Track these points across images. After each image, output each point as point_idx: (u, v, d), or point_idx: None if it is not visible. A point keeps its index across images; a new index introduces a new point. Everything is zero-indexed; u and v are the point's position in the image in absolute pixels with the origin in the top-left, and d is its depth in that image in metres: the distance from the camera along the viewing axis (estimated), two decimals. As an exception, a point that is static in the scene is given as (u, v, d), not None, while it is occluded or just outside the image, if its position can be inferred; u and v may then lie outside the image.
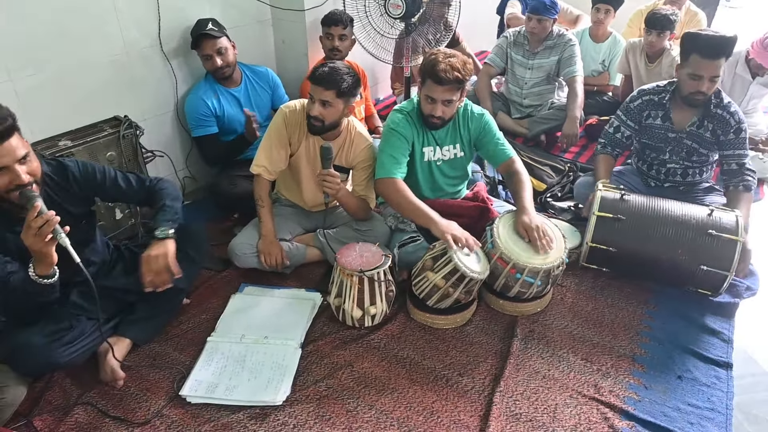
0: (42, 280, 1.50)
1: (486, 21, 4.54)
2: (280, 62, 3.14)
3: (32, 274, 1.49)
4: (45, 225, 1.41)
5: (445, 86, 2.01)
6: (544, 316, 2.10)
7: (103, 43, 2.31)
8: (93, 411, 1.71)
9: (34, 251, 1.46)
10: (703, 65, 2.13)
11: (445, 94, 2.03)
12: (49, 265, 1.49)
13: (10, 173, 1.47)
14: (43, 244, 1.43)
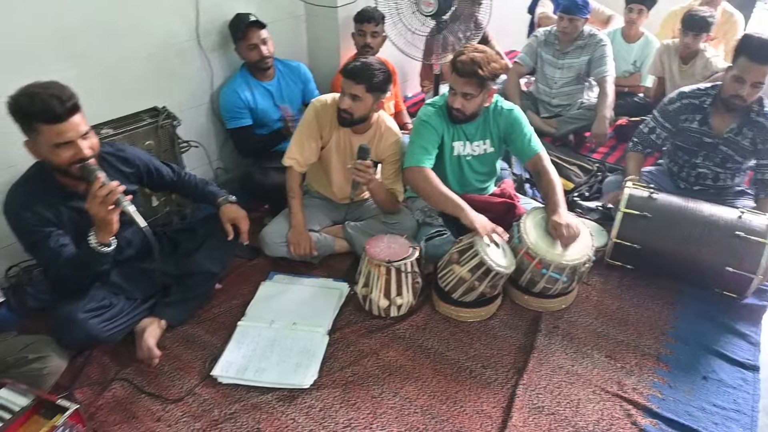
0: (101, 248, 1.61)
1: (516, 20, 4.54)
2: (312, 57, 3.20)
3: (92, 242, 1.60)
4: (110, 194, 1.53)
5: (464, 78, 2.03)
6: (568, 313, 2.11)
7: (144, 36, 2.39)
8: (129, 387, 1.79)
9: (99, 219, 1.57)
10: (749, 69, 2.10)
11: (464, 86, 2.06)
12: (110, 233, 1.61)
13: (74, 147, 1.58)
14: (107, 211, 1.55)
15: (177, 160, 2.51)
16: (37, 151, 1.61)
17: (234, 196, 2.11)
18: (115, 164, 1.85)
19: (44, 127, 1.54)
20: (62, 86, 1.58)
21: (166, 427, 1.66)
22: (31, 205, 1.64)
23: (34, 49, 2.04)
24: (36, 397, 1.39)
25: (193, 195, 2.12)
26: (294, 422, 1.68)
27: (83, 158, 1.59)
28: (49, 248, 1.65)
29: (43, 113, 1.52)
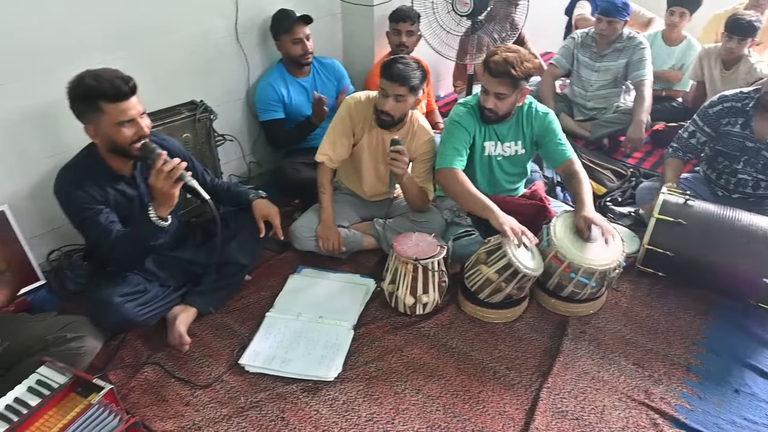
0: (160, 221, 1.69)
1: (553, 22, 4.48)
2: (346, 55, 3.23)
3: (153, 216, 1.68)
4: (173, 169, 1.62)
5: (496, 78, 2.03)
6: (596, 319, 2.08)
7: (184, 32, 2.45)
8: (160, 371, 1.85)
9: (162, 193, 1.65)
10: None
11: (496, 86, 2.05)
12: (170, 207, 1.69)
13: (136, 125, 1.68)
14: (170, 186, 1.64)
15: (212, 153, 2.57)
16: (98, 132, 1.69)
17: (264, 192, 2.16)
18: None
19: (109, 106, 1.63)
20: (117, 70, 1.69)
21: (194, 412, 1.71)
22: (82, 184, 1.72)
23: (80, 42, 2.12)
24: (73, 376, 1.44)
25: (225, 198, 2.16)
26: (317, 413, 1.71)
27: (143, 135, 1.70)
28: (101, 224, 1.73)
29: (109, 91, 1.62)
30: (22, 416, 1.34)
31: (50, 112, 2.10)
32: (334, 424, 1.67)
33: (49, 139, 2.15)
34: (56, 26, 2.04)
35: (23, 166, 2.12)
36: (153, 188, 1.66)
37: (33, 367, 1.50)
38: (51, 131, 2.14)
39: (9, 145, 2.05)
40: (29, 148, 2.11)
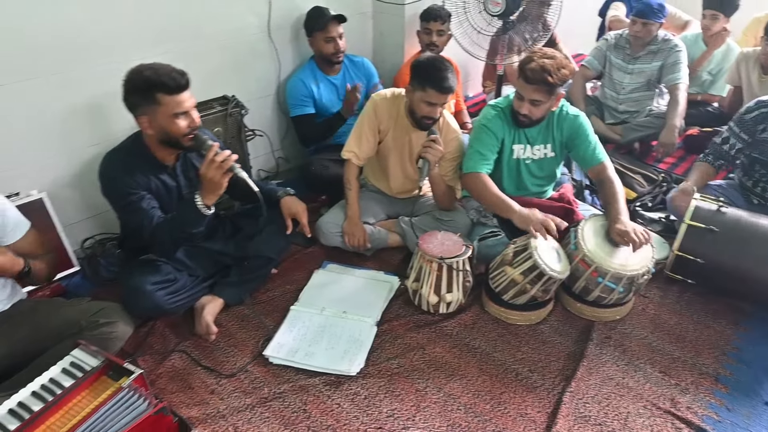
0: (205, 209, 1.75)
1: (585, 23, 4.42)
2: (376, 53, 3.24)
3: (199, 203, 1.74)
4: (225, 160, 1.68)
5: (532, 86, 2.01)
6: (622, 325, 2.06)
7: (218, 29, 2.50)
8: (187, 359, 1.89)
9: (212, 183, 1.71)
10: None
11: (532, 93, 2.03)
12: (217, 196, 1.76)
13: (189, 116, 1.76)
14: (221, 176, 1.70)
15: (242, 148, 2.62)
16: (152, 124, 1.75)
17: (292, 189, 2.19)
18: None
19: (167, 98, 1.70)
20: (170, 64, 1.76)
21: (218, 400, 1.75)
22: (128, 169, 1.79)
23: (120, 38, 2.18)
24: (105, 359, 1.49)
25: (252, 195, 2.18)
26: (339, 407, 1.72)
27: (195, 127, 1.78)
28: (143, 209, 1.79)
29: (169, 83, 1.69)
30: (56, 396, 1.39)
31: (92, 103, 2.17)
32: (355, 419, 1.69)
33: (91, 130, 2.22)
34: (99, 22, 2.10)
35: (64, 155, 2.19)
36: (203, 177, 1.72)
37: (67, 349, 1.55)
38: (93, 122, 2.21)
39: (52, 134, 2.13)
40: (71, 138, 2.18)
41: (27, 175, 2.10)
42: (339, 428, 1.66)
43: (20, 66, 1.96)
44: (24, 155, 2.08)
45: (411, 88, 2.11)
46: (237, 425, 1.66)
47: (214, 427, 1.65)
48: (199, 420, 1.67)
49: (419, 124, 2.16)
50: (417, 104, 2.10)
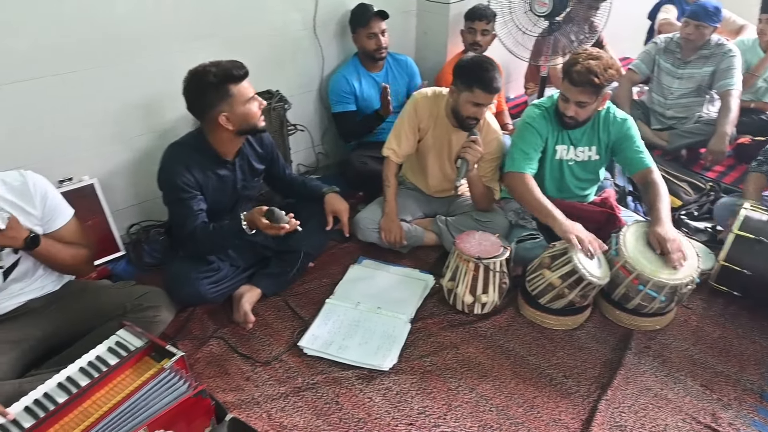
0: (248, 229, 1.82)
1: (633, 26, 4.31)
2: (419, 52, 3.24)
3: (244, 224, 1.82)
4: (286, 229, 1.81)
5: (578, 88, 1.97)
6: (662, 335, 2.00)
7: (264, 23, 2.54)
8: (224, 345, 1.94)
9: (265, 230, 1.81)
10: None
11: (578, 95, 1.99)
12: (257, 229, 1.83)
13: (256, 99, 1.86)
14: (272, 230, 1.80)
15: (284, 142, 2.66)
16: (231, 117, 1.81)
17: (336, 187, 2.22)
18: (254, 144, 2.05)
19: (236, 87, 1.78)
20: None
21: (253, 387, 1.78)
22: (190, 165, 1.85)
23: (169, 30, 2.24)
24: (149, 341, 1.54)
25: (299, 191, 2.24)
26: (371, 401, 1.74)
27: (263, 108, 1.89)
28: (191, 208, 1.85)
29: (235, 73, 1.77)
30: (102, 373, 1.44)
31: (143, 94, 2.25)
32: (387, 414, 1.70)
33: (141, 120, 2.29)
34: (150, 15, 2.16)
35: (115, 143, 2.27)
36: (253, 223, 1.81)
37: (113, 329, 1.61)
38: (143, 112, 2.28)
39: (106, 123, 2.21)
40: (122, 127, 2.26)
41: (80, 161, 2.19)
42: (370, 422, 1.67)
43: (79, 56, 2.04)
44: (79, 142, 2.17)
45: (456, 89, 2.10)
46: (270, 412, 1.69)
47: (249, 413, 1.69)
48: (235, 405, 1.71)
49: (463, 124, 2.15)
50: (463, 105, 2.09)
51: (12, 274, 1.63)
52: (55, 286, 1.79)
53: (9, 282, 1.64)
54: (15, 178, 1.59)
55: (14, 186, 1.58)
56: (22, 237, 1.52)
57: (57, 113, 2.07)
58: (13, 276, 1.64)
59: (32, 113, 2.01)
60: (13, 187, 1.58)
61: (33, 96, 1.98)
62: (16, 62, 1.91)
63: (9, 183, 1.58)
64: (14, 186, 1.58)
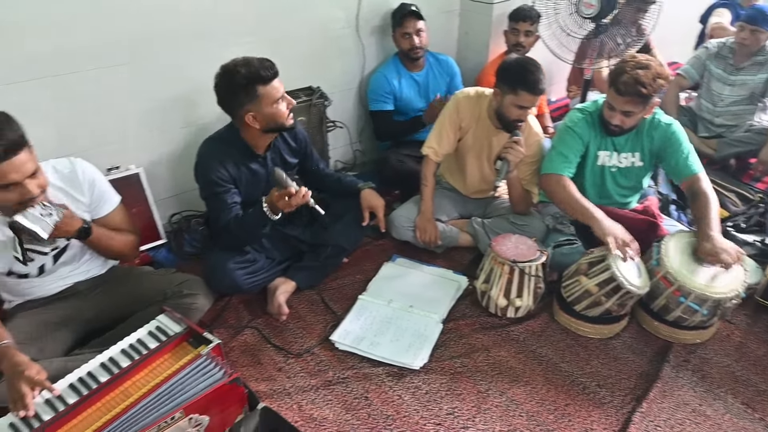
0: (270, 213, 1.82)
1: (683, 30, 4.18)
2: (460, 52, 3.22)
3: (265, 207, 1.81)
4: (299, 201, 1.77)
5: (624, 97, 1.92)
6: (703, 349, 1.94)
7: (308, 20, 2.57)
8: (258, 335, 1.98)
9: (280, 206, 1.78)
10: None
11: (624, 105, 1.95)
12: (280, 211, 1.82)
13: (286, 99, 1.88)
14: (286, 206, 1.78)
15: (323, 138, 2.69)
16: (258, 116, 1.84)
17: (372, 183, 2.23)
18: (287, 138, 2.07)
19: (265, 88, 1.80)
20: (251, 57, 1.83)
21: (285, 378, 1.81)
22: (224, 160, 1.90)
23: (213, 25, 2.29)
24: (187, 327, 1.58)
25: (334, 187, 2.26)
26: (400, 399, 1.74)
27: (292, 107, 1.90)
28: (225, 202, 1.90)
29: (264, 74, 1.79)
30: (142, 356, 1.50)
31: (186, 87, 2.30)
32: (415, 412, 1.70)
33: (183, 113, 2.36)
34: (195, 10, 2.21)
35: (159, 135, 2.34)
36: (272, 203, 1.79)
37: (153, 314, 1.66)
38: (185, 105, 2.35)
39: (151, 116, 2.28)
40: (166, 119, 2.33)
41: (127, 150, 2.27)
42: (398, 419, 1.68)
43: (127, 50, 2.11)
44: (126, 132, 2.24)
45: (500, 91, 2.07)
46: (301, 404, 1.72)
47: (280, 403, 1.72)
48: (266, 395, 1.74)
49: (507, 127, 2.12)
50: (507, 108, 2.06)
51: (61, 258, 1.70)
52: (101, 270, 1.86)
53: (58, 265, 1.71)
54: (65, 166, 1.65)
55: (64, 173, 1.64)
56: (75, 227, 1.57)
57: (106, 104, 2.15)
58: (63, 260, 1.71)
59: (83, 104, 2.09)
60: (63, 174, 1.64)
61: (84, 88, 2.06)
62: (68, 55, 1.99)
63: (59, 170, 1.64)
64: (64, 173, 1.64)
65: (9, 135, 1.36)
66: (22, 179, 1.40)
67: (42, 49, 1.93)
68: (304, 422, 1.66)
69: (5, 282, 1.69)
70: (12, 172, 1.38)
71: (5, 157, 1.35)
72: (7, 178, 1.38)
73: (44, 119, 2.01)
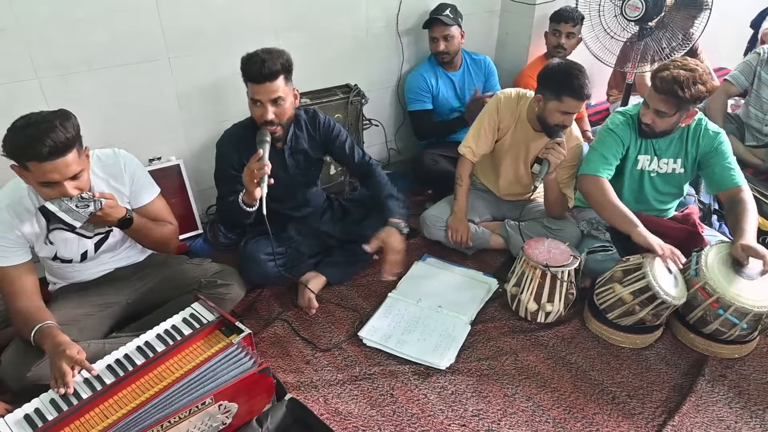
0: (244, 206, 1.81)
1: (732, 35, 4.04)
2: (499, 52, 3.20)
3: (240, 198, 1.81)
4: (257, 171, 1.71)
5: (660, 95, 1.88)
6: (741, 364, 1.88)
7: (349, 18, 2.59)
8: (288, 328, 2.01)
9: (246, 183, 1.76)
10: None
11: (657, 103, 1.90)
12: (251, 199, 1.78)
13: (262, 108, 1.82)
14: (250, 181, 1.74)
15: (359, 136, 2.71)
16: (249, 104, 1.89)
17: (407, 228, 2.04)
18: (309, 131, 2.07)
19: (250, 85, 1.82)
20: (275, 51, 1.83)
21: (312, 371, 1.84)
22: (240, 148, 1.92)
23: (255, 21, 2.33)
24: (220, 315, 1.62)
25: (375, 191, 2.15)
26: (425, 398, 1.74)
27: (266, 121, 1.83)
28: (227, 188, 1.93)
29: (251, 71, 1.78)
30: (177, 341, 1.54)
31: (230, 82, 2.35)
32: (440, 412, 1.70)
33: (221, 107, 2.41)
34: (236, 8, 2.26)
35: (199, 128, 2.40)
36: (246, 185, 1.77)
37: (188, 302, 1.71)
38: (223, 100, 2.40)
39: (191, 109, 2.34)
40: (208, 113, 2.39)
41: (169, 142, 2.34)
42: (423, 418, 1.68)
43: (172, 44, 2.17)
44: (168, 124, 2.31)
45: (543, 97, 2.04)
46: (327, 397, 1.74)
47: (306, 395, 1.74)
48: (294, 386, 1.77)
49: (549, 131, 2.09)
50: (551, 114, 2.03)
51: (103, 246, 1.76)
52: (140, 257, 1.92)
53: (100, 252, 1.77)
54: (109, 156, 1.70)
55: (108, 164, 1.69)
56: (117, 217, 1.60)
57: (150, 97, 2.22)
58: (103, 248, 1.77)
59: (129, 96, 2.17)
60: (107, 165, 1.69)
61: (130, 80, 2.14)
62: (118, 48, 2.06)
63: (103, 161, 1.69)
64: (108, 164, 1.69)
65: (57, 136, 1.38)
66: (62, 180, 1.43)
67: (96, 42, 2.01)
68: (330, 415, 1.68)
69: (50, 265, 1.76)
70: (53, 173, 1.41)
71: (48, 157, 1.38)
72: (47, 177, 1.41)
73: (92, 109, 2.09)
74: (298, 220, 2.18)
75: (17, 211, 1.56)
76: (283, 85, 1.82)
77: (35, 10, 1.86)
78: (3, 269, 1.57)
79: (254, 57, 1.79)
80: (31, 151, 1.37)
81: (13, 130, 1.41)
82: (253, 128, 1.93)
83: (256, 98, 1.82)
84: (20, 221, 1.57)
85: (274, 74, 1.78)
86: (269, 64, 1.76)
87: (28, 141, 1.37)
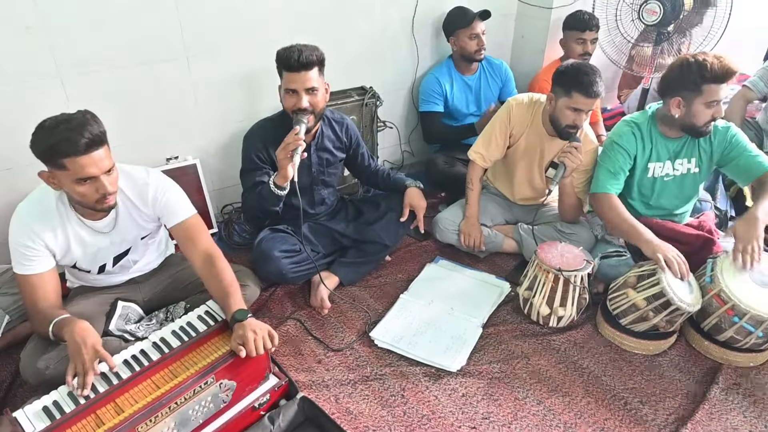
0: (276, 189, 1.87)
1: (752, 39, 3.98)
2: (515, 56, 3.20)
3: (271, 182, 1.87)
4: (292, 141, 1.78)
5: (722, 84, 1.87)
6: (757, 373, 1.86)
7: (365, 20, 2.62)
8: (300, 327, 2.03)
9: (279, 161, 1.83)
10: None
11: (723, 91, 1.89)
12: (283, 178, 1.84)
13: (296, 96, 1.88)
14: (284, 156, 1.80)
15: (373, 137, 2.73)
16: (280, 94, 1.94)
17: (420, 183, 2.25)
18: (336, 131, 2.12)
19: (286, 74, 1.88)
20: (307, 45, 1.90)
21: (324, 370, 1.85)
22: (267, 141, 1.97)
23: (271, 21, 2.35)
24: (234, 314, 1.64)
25: (383, 183, 2.30)
26: (436, 399, 1.75)
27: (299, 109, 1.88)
28: (254, 179, 1.98)
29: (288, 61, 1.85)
30: (192, 338, 1.56)
31: (248, 82, 2.39)
32: (451, 414, 1.71)
33: (239, 106, 2.44)
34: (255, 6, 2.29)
35: (217, 128, 2.43)
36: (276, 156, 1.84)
37: (203, 300, 1.73)
38: (245, 100, 2.43)
39: (208, 108, 2.37)
40: (226, 113, 2.42)
41: (186, 141, 2.37)
42: (434, 419, 1.69)
43: (191, 44, 2.20)
44: (186, 123, 2.34)
45: (554, 95, 2.05)
46: (338, 397, 1.75)
47: (318, 395, 1.75)
48: (305, 385, 1.78)
49: (562, 133, 2.09)
50: (561, 112, 2.04)
51: (120, 261, 1.78)
52: (157, 263, 1.94)
53: (117, 267, 1.79)
54: (140, 177, 1.68)
55: (137, 183, 1.68)
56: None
57: (168, 96, 2.25)
58: (122, 263, 1.79)
59: (148, 95, 2.20)
60: (136, 183, 1.68)
61: (149, 79, 2.17)
62: (138, 48, 2.10)
63: (134, 179, 1.67)
64: (137, 183, 1.68)
65: (93, 129, 1.42)
66: (100, 174, 1.46)
67: (118, 40, 2.04)
68: (341, 415, 1.69)
69: (70, 269, 1.79)
70: (91, 166, 1.44)
71: (87, 150, 1.41)
72: (86, 171, 1.44)
73: (111, 107, 2.11)
74: (313, 219, 2.20)
75: (42, 220, 1.57)
76: (317, 76, 1.89)
77: (60, 10, 1.90)
78: (26, 277, 1.57)
79: (292, 48, 1.86)
80: (69, 146, 1.39)
81: (43, 129, 1.43)
82: (282, 123, 1.97)
83: (292, 87, 1.87)
84: (44, 230, 1.57)
85: (310, 64, 1.86)
86: (306, 54, 1.84)
87: (66, 135, 1.39)
